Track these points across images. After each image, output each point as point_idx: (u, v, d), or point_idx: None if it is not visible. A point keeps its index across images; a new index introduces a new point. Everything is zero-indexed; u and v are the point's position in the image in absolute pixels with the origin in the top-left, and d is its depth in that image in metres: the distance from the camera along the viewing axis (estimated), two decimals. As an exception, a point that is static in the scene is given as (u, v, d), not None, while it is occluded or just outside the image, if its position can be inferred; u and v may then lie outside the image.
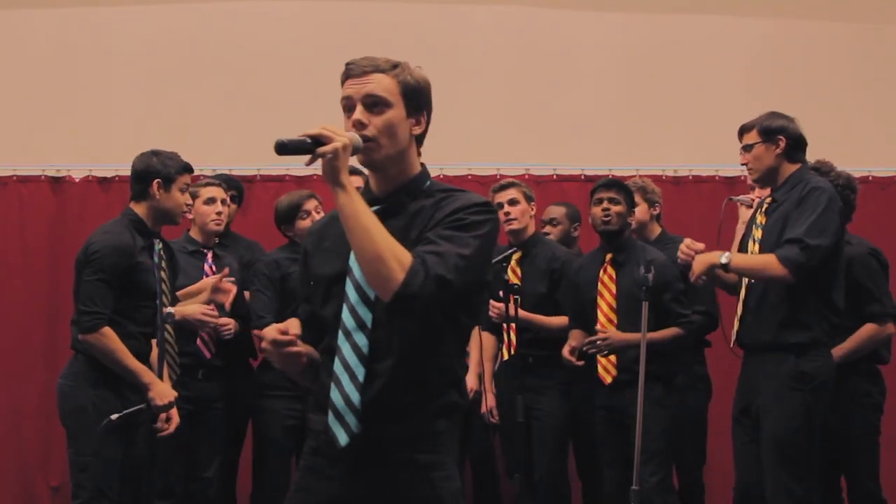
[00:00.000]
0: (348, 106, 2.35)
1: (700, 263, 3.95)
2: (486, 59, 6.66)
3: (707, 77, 6.66)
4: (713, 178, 6.23)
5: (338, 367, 2.30)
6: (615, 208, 4.63)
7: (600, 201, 4.65)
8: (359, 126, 2.30)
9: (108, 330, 3.92)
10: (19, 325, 6.06)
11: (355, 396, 2.28)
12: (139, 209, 4.11)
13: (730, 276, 4.07)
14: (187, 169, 4.17)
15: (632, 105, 6.65)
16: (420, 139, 2.40)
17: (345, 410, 2.29)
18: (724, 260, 3.88)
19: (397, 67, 2.36)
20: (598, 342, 4.53)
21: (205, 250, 4.90)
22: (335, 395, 2.30)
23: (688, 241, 4.08)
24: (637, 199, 4.97)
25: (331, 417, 2.30)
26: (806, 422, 3.85)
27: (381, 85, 2.33)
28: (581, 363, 4.64)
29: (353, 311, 2.30)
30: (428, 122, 2.42)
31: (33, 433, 6.02)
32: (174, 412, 4.07)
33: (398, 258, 2.19)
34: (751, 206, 4.51)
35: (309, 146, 2.20)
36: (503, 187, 5.02)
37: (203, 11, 6.62)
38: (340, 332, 2.30)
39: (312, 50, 6.34)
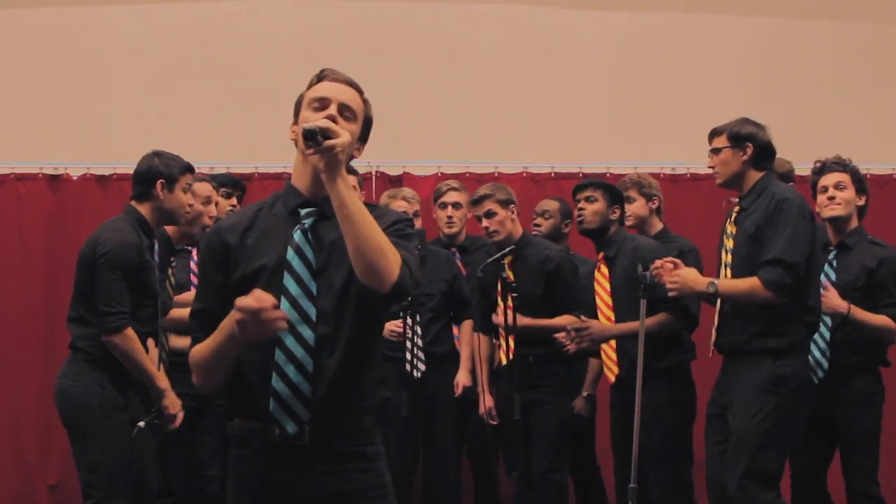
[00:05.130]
0: (321, 104, 2.41)
1: (686, 288, 3.99)
2: (485, 58, 6.67)
3: (705, 75, 6.67)
4: (711, 177, 6.17)
5: (280, 358, 2.32)
6: (590, 207, 4.66)
7: (577, 202, 4.71)
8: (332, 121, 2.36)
9: (131, 331, 3.93)
10: (17, 323, 6.06)
11: (305, 387, 2.32)
12: (142, 209, 4.13)
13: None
14: (189, 169, 4.20)
15: (630, 104, 6.66)
16: (348, 162, 2.43)
17: (292, 400, 2.32)
18: (711, 290, 3.92)
19: (364, 95, 2.49)
20: (581, 333, 4.50)
21: (190, 248, 4.84)
22: (280, 385, 2.31)
23: (657, 261, 4.11)
24: (633, 194, 4.98)
25: (274, 406, 2.32)
26: (776, 424, 3.85)
27: (355, 100, 2.46)
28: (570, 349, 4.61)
29: (295, 304, 2.33)
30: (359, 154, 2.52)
31: (31, 432, 6.02)
32: (180, 413, 4.12)
33: (393, 252, 2.29)
34: None
35: (318, 137, 2.27)
36: (476, 202, 4.95)
37: (201, 10, 6.62)
38: None
39: (311, 48, 6.34)
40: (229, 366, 2.37)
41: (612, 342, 4.64)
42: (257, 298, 2.18)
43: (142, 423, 3.82)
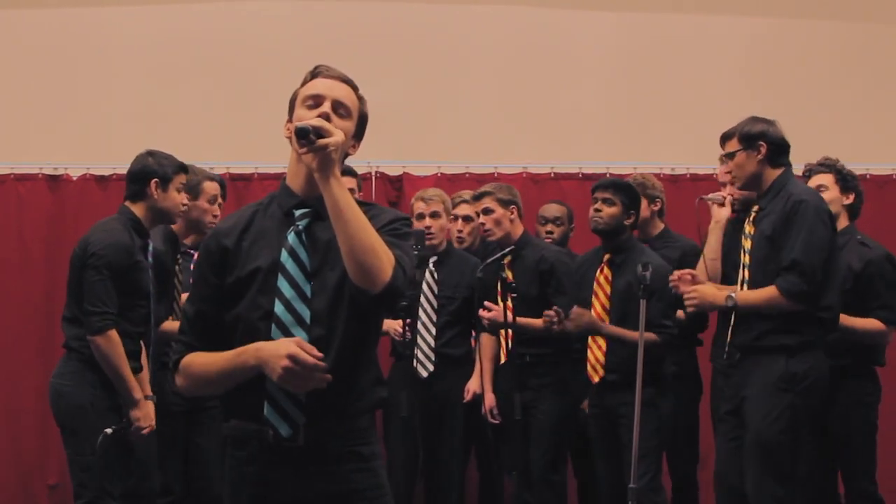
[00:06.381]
0: (315, 101, 2.39)
1: (705, 303, 4.02)
2: (485, 58, 6.66)
3: (704, 76, 6.67)
4: (710, 177, 6.20)
5: None
6: (607, 209, 4.58)
7: (595, 201, 4.64)
8: (324, 118, 2.34)
9: (114, 333, 3.92)
10: (16, 323, 6.06)
11: None
12: (136, 209, 4.13)
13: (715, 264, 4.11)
14: (183, 169, 4.20)
15: (629, 104, 6.66)
16: (343, 160, 2.40)
17: (286, 402, 2.31)
18: (729, 304, 3.93)
19: (359, 91, 2.47)
20: (571, 316, 4.45)
21: (192, 251, 4.73)
22: (273, 388, 2.30)
23: (676, 273, 4.13)
24: None
25: (268, 409, 2.31)
26: (791, 423, 3.85)
27: (350, 97, 2.44)
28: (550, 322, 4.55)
29: (288, 306, 2.32)
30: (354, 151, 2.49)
31: (31, 432, 6.02)
32: (148, 429, 4.07)
33: (386, 252, 2.26)
34: (722, 204, 4.53)
35: (311, 136, 2.26)
36: (476, 197, 4.97)
37: (200, 10, 6.62)
38: (275, 327, 2.31)
39: (310, 48, 6.33)
40: (230, 387, 2.36)
41: (603, 346, 4.59)
42: (313, 355, 2.20)
43: (108, 430, 3.81)
